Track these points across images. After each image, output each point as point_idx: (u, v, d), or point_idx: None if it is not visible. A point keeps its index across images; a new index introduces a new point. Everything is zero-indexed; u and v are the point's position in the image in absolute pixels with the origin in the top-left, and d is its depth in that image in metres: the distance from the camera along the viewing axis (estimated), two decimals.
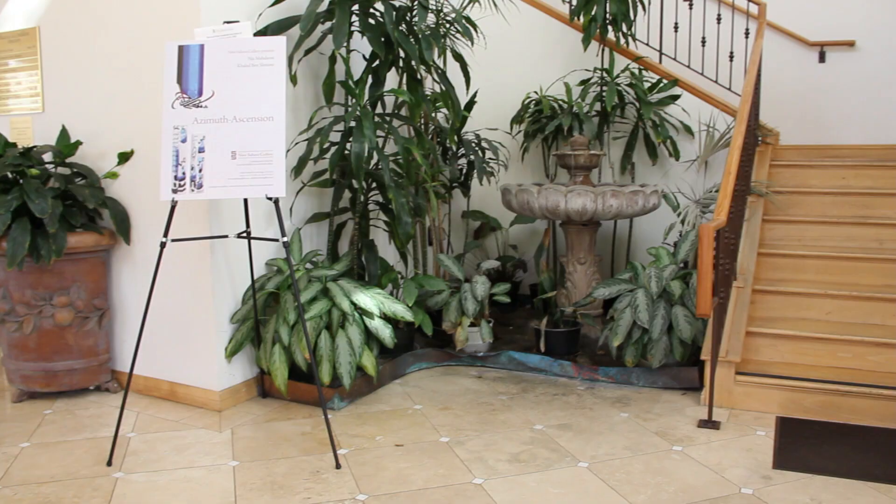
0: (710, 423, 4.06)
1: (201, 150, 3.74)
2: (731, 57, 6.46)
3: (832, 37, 6.90)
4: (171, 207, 3.73)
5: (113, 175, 4.56)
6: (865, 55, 6.85)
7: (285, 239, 3.75)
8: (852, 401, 4.11)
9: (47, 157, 4.59)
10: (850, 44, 6.85)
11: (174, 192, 3.72)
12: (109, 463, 3.62)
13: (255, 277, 4.46)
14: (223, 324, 4.39)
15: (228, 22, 3.90)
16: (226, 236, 4.25)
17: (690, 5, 6.52)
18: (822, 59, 6.96)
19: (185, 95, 3.76)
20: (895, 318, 4.62)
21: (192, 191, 3.72)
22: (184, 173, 3.72)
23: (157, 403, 4.50)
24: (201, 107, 3.76)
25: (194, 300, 4.38)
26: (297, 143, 4.76)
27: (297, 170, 4.62)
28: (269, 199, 3.76)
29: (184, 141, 3.74)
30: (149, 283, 3.92)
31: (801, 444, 3.79)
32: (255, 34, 4.36)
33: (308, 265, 4.68)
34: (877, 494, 3.27)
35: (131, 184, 4.54)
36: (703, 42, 6.43)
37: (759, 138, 6.21)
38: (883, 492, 3.29)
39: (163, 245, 3.70)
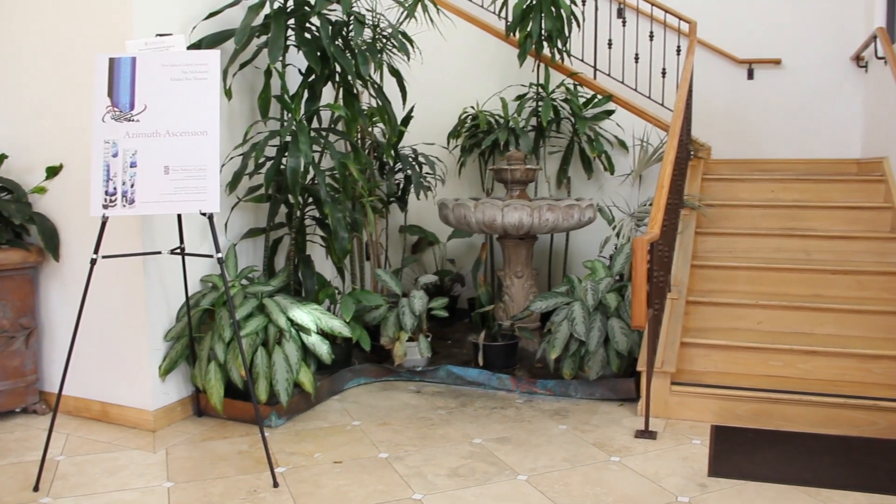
0: (646, 434, 4.12)
1: (133, 165, 3.67)
2: (664, 73, 6.61)
3: (760, 55, 7.13)
4: (102, 223, 3.64)
5: (41, 190, 4.44)
6: (791, 72, 7.08)
7: (220, 255, 3.70)
8: (783, 408, 4.21)
9: None
10: (777, 62, 7.08)
11: (105, 207, 3.63)
12: (36, 488, 3.50)
13: (190, 294, 4.39)
14: (157, 342, 4.31)
15: (161, 35, 3.84)
16: (159, 252, 4.17)
17: (624, 22, 6.65)
18: (750, 75, 7.17)
19: (116, 109, 3.69)
20: (823, 326, 4.76)
21: (124, 206, 3.65)
22: (115, 188, 3.64)
23: (87, 425, 4.38)
24: (133, 121, 3.69)
25: (127, 318, 4.29)
26: (231, 158, 4.70)
27: (232, 185, 4.56)
28: (204, 214, 3.71)
29: (115, 155, 3.66)
30: (79, 301, 3.82)
31: (736, 452, 3.86)
32: (189, 47, 4.31)
33: (244, 281, 4.62)
34: (807, 498, 3.35)
35: (60, 199, 4.43)
36: (637, 58, 6.56)
37: (692, 153, 6.35)
38: (812, 495, 3.38)
39: (93, 262, 3.61)
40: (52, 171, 4.40)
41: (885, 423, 4.07)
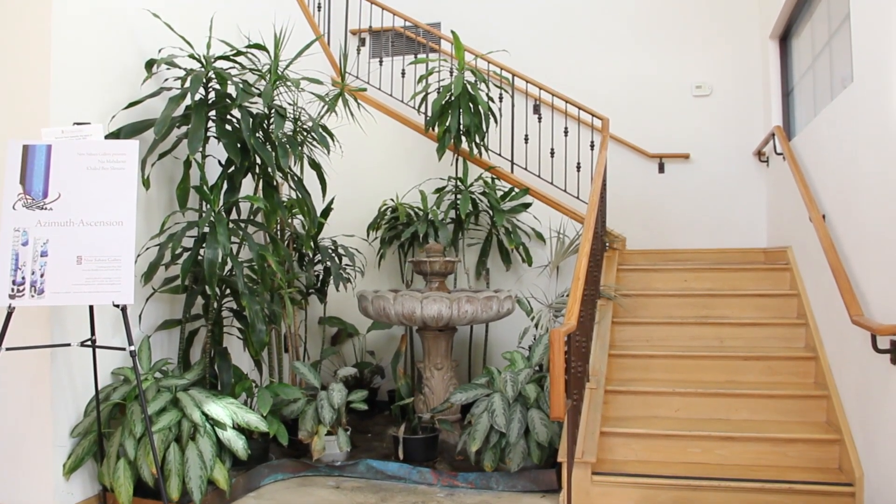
0: None
1: (44, 255, 3.58)
2: (579, 167, 6.82)
3: (670, 149, 7.46)
4: (8, 314, 3.52)
5: None
6: (699, 167, 7.41)
7: (132, 348, 3.61)
8: (703, 494, 4.24)
9: None
10: (686, 156, 7.40)
11: (11, 297, 3.52)
12: None
13: (101, 387, 4.23)
14: (62, 438, 4.11)
15: (79, 123, 3.81)
16: (68, 345, 4.03)
17: (539, 118, 6.87)
18: (661, 169, 7.46)
19: (28, 197, 3.61)
20: (738, 411, 4.85)
21: (33, 296, 3.54)
22: (23, 278, 3.54)
23: None
24: (46, 209, 3.62)
25: (30, 412, 4.09)
26: (148, 248, 4.62)
27: (148, 275, 4.47)
28: (116, 306, 3.62)
29: (25, 244, 3.57)
30: None
31: None
32: (108, 136, 4.28)
33: (157, 374, 4.48)
34: None
35: None
36: (553, 153, 6.76)
37: (607, 244, 6.51)
38: None
39: None
40: None
41: None
